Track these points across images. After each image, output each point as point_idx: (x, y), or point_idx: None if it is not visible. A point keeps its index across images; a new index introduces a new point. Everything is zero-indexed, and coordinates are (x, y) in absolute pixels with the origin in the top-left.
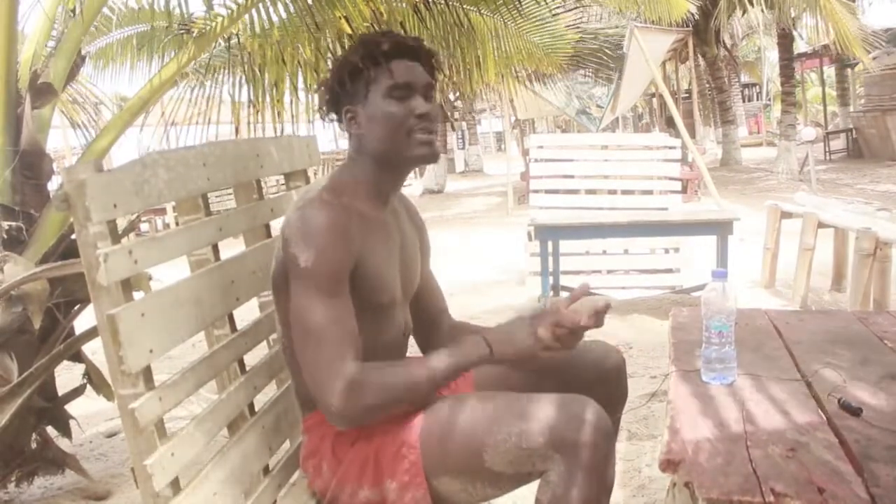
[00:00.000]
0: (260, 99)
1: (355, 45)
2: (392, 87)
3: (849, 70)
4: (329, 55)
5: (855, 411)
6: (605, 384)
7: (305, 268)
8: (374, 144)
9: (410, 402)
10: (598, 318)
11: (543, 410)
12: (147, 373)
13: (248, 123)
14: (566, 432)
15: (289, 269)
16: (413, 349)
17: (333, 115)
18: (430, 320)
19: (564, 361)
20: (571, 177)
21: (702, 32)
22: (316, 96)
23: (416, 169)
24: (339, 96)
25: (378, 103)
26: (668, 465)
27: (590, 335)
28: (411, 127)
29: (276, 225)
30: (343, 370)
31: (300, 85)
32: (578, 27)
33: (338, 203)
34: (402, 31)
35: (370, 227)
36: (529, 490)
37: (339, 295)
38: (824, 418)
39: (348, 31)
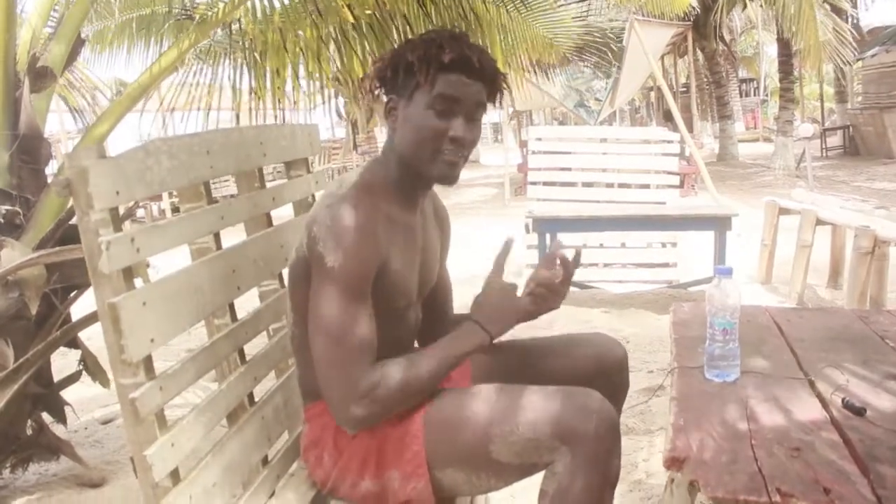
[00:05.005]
0: (261, 86)
1: (418, 41)
2: (437, 97)
3: (847, 67)
4: (333, 42)
5: (859, 411)
6: (607, 376)
7: (332, 269)
8: (401, 146)
9: (417, 400)
10: (567, 267)
11: (550, 402)
12: (148, 362)
13: (249, 110)
14: (573, 423)
15: (313, 267)
16: None
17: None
18: (436, 317)
19: (566, 354)
20: (569, 169)
21: (701, 27)
22: (313, 85)
23: None
24: (386, 83)
25: (418, 110)
26: (673, 462)
27: (592, 327)
28: (439, 147)
29: (277, 214)
30: (358, 377)
31: (300, 73)
32: (584, 18)
33: (368, 202)
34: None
35: (397, 230)
36: (528, 482)
37: (362, 299)
38: (828, 418)
39: (351, 19)
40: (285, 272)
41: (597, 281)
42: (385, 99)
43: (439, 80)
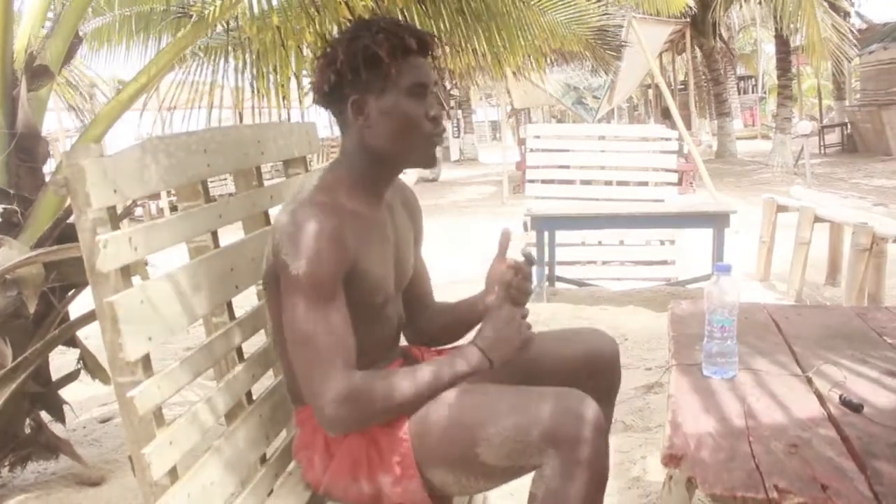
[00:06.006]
0: (263, 84)
1: (374, 34)
2: (413, 85)
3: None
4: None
5: (856, 408)
6: (598, 372)
7: (296, 276)
8: (380, 140)
9: (402, 413)
10: (522, 269)
11: (537, 404)
12: (146, 360)
13: (252, 108)
14: (560, 427)
15: (280, 275)
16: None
17: (323, 101)
18: (417, 307)
19: (557, 349)
20: (567, 167)
21: (699, 24)
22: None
23: None
24: (346, 83)
25: (397, 100)
26: (671, 459)
27: (591, 325)
28: (427, 130)
29: (275, 213)
30: (335, 381)
31: (294, 70)
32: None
33: (331, 204)
34: (404, 18)
35: (365, 227)
36: (527, 479)
37: (332, 302)
38: (826, 414)
39: (348, 15)
40: None
41: (595, 278)
42: (347, 102)
43: (408, 68)
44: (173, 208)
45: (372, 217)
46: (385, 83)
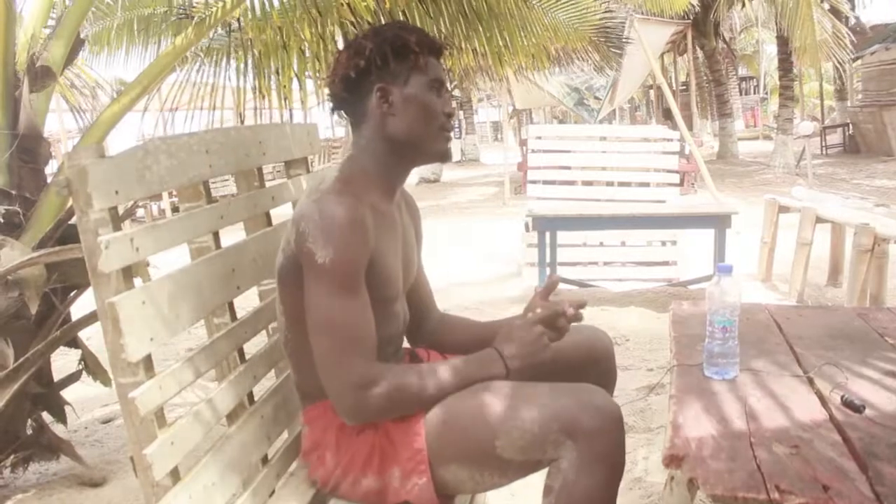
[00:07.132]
0: (264, 85)
1: (401, 29)
2: (433, 80)
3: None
4: (332, 41)
5: (858, 408)
6: (597, 365)
7: (323, 264)
8: (402, 127)
9: (420, 407)
10: (577, 316)
11: (556, 398)
12: (147, 361)
13: (254, 109)
14: (579, 418)
15: (304, 264)
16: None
17: (344, 89)
18: (418, 313)
19: (560, 342)
20: (569, 168)
21: (701, 25)
22: (313, 83)
23: None
24: (374, 70)
25: (421, 90)
26: (672, 460)
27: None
28: (442, 123)
29: (276, 213)
30: (359, 368)
31: (296, 71)
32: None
33: (354, 195)
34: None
35: (381, 220)
36: (528, 480)
37: (357, 291)
38: (827, 415)
39: (350, 17)
40: None
41: (597, 279)
42: (372, 90)
43: (431, 63)
44: (175, 209)
45: (386, 212)
46: (410, 73)
